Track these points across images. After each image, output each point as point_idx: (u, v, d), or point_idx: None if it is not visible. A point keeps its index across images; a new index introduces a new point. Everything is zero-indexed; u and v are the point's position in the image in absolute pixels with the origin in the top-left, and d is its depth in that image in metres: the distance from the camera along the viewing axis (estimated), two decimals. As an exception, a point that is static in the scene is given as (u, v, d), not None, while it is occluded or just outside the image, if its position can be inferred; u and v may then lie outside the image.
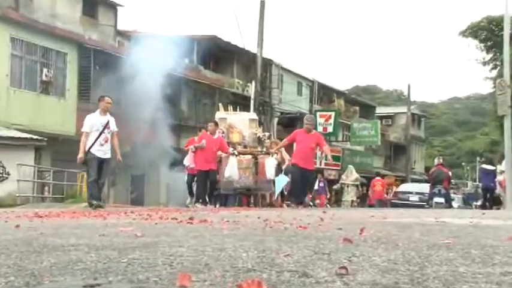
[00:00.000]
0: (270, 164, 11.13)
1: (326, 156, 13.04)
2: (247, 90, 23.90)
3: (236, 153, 11.01)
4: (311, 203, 12.23)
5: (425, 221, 2.98)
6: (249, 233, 2.12)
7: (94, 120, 8.42)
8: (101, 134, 8.21)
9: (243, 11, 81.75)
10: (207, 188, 10.07)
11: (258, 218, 3.29)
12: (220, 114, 13.44)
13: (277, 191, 12.00)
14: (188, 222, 2.92)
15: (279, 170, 11.95)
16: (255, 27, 21.20)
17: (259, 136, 13.06)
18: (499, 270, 1.35)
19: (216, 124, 10.87)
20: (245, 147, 12.73)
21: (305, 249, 1.48)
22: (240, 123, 12.99)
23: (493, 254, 1.52)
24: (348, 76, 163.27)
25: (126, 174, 20.27)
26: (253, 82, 21.63)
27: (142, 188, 21.53)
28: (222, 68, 26.46)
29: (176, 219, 3.30)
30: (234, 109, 15.23)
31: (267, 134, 14.18)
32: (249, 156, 11.85)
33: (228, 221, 2.99)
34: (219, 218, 3.38)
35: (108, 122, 8.42)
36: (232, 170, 10.61)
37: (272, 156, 11.27)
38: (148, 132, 18.25)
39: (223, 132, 11.84)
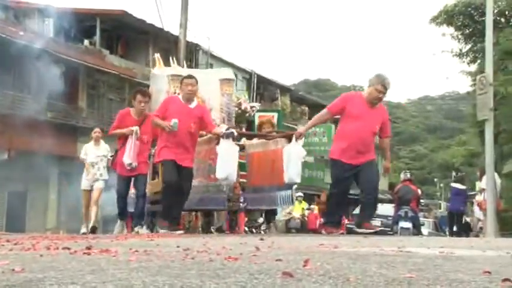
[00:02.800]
0: (295, 155, 7.66)
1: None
2: (166, 82, 24.10)
3: (235, 135, 7.66)
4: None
5: (386, 250, 3.09)
6: (164, 266, 2.12)
7: None
8: None
9: None
10: (181, 199, 7.55)
11: (178, 247, 3.30)
12: (162, 70, 9.89)
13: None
14: (85, 253, 2.89)
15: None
16: (177, 3, 21.21)
17: (244, 108, 9.96)
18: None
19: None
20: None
21: (233, 286, 1.51)
22: (205, 86, 8.90)
23: (463, 291, 1.61)
24: (295, 69, 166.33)
25: (0, 190, 19.67)
26: None
27: (23, 209, 20.97)
28: (134, 53, 26.33)
29: (69, 248, 3.25)
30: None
31: (256, 105, 11.02)
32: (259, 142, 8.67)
33: (137, 251, 2.98)
34: (126, 248, 3.36)
35: None
36: (229, 167, 7.44)
37: (297, 140, 7.68)
38: (32, 135, 17.90)
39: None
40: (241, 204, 8.68)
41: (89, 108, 23.44)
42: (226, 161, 7.40)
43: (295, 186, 8.12)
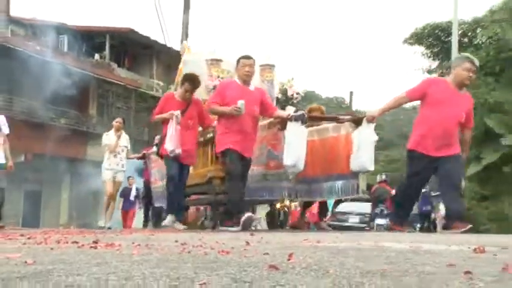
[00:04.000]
0: (367, 140, 6.23)
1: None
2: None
3: (305, 117, 6.22)
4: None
5: (363, 245, 3.09)
6: (163, 259, 2.13)
7: None
8: None
9: (165, 1, 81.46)
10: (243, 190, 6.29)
11: (176, 241, 3.28)
12: (197, 54, 8.42)
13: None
14: (92, 247, 2.87)
15: None
16: (179, 20, 21.19)
17: (290, 95, 8.40)
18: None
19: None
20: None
21: (224, 277, 1.50)
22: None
23: (429, 282, 1.60)
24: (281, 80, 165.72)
25: (18, 190, 19.52)
26: (175, 84, 21.71)
27: (38, 207, 20.93)
28: (139, 66, 26.16)
29: (77, 242, 3.23)
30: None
31: (301, 91, 8.98)
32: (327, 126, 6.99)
33: (139, 245, 2.98)
34: (129, 242, 3.35)
35: None
36: (298, 153, 6.05)
37: (370, 123, 6.17)
38: (47, 140, 17.86)
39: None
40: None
41: (98, 116, 23.31)
42: (296, 146, 6.01)
43: (361, 175, 6.56)
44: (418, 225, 20.12)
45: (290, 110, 6.46)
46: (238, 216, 5.78)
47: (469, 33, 19.98)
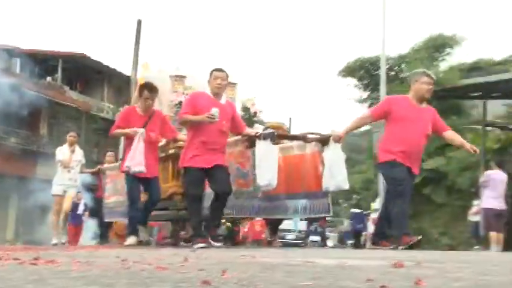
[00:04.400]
0: (338, 159, 5.87)
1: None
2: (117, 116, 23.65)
3: (274, 135, 5.79)
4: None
5: (295, 261, 3.11)
6: (100, 275, 2.05)
7: None
8: None
9: (117, 28, 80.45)
10: (217, 205, 5.66)
11: (117, 257, 3.21)
12: (160, 71, 7.84)
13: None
14: (32, 263, 2.73)
15: None
16: (131, 47, 20.95)
17: (253, 113, 7.88)
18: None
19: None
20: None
21: None
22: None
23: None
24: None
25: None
26: (125, 107, 21.50)
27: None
28: (91, 90, 25.83)
29: (18, 259, 3.08)
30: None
31: (262, 109, 8.21)
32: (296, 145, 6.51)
33: (79, 262, 2.86)
34: (71, 258, 3.21)
35: None
36: (271, 172, 5.59)
37: (336, 143, 5.78)
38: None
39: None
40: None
41: (49, 136, 22.72)
42: (267, 164, 5.56)
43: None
44: (350, 242, 20.53)
45: (259, 128, 5.99)
46: (203, 236, 5.40)
47: (395, 68, 20.72)
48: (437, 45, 19.17)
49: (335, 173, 5.78)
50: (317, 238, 15.26)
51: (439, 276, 2.20)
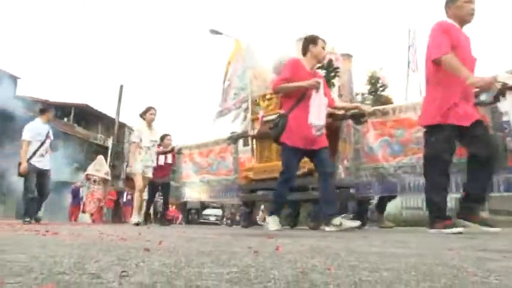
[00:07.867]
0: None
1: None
2: (106, 143, 28.70)
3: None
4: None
5: (205, 234, 3.36)
6: (82, 243, 2.34)
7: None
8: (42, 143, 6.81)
9: (105, 91, 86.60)
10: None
11: (100, 232, 3.51)
12: (253, 49, 6.47)
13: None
14: (43, 234, 2.99)
15: None
16: (115, 96, 22.78)
17: (383, 84, 5.97)
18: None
19: None
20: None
21: (114, 257, 1.62)
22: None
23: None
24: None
25: None
26: (111, 138, 26.00)
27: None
28: (90, 126, 30.56)
29: (38, 231, 3.31)
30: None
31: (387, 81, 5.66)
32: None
33: (73, 234, 3.16)
34: (69, 231, 3.58)
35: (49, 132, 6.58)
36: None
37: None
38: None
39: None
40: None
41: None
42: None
43: None
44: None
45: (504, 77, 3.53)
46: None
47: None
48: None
49: None
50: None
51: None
